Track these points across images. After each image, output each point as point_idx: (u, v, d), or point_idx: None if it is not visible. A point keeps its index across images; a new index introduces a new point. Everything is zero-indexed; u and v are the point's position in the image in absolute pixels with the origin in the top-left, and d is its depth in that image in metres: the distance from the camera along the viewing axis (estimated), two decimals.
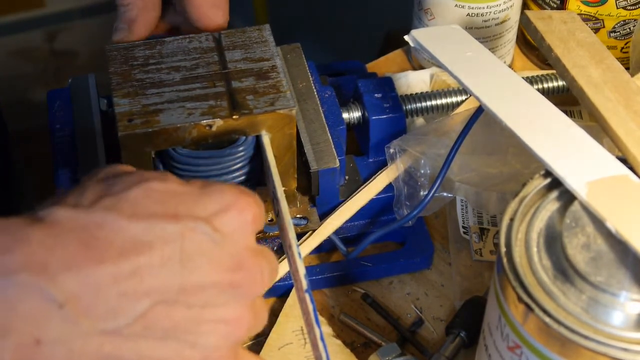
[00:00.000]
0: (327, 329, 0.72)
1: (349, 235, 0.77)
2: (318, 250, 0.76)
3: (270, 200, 0.67)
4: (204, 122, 0.65)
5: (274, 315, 0.73)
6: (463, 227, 0.78)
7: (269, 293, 0.74)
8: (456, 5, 0.86)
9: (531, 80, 0.83)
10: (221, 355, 0.51)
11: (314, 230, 0.74)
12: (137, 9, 0.70)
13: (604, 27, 0.88)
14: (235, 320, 0.51)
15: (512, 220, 0.55)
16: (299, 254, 0.59)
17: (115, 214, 0.48)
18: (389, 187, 0.76)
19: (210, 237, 0.49)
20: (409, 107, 0.80)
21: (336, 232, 0.75)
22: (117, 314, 0.47)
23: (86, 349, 0.47)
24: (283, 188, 0.66)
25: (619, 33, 0.88)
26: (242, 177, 0.68)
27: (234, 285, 0.50)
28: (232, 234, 0.50)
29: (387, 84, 0.79)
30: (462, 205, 0.79)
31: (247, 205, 0.51)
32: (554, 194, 0.57)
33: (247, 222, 0.51)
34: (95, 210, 0.48)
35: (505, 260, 0.53)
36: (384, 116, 0.77)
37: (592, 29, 0.77)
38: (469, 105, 0.79)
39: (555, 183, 0.57)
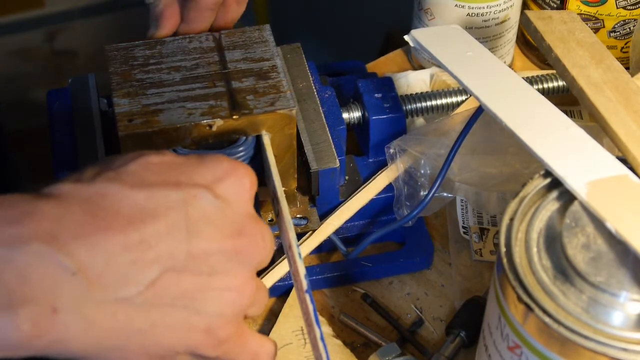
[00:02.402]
0: (327, 329, 0.72)
1: (349, 235, 0.77)
2: (318, 250, 0.76)
3: (270, 200, 0.67)
4: (204, 122, 0.65)
5: (274, 315, 0.73)
6: (463, 227, 0.78)
7: (269, 293, 0.73)
8: (456, 5, 0.86)
9: (531, 80, 0.83)
10: (224, 324, 0.51)
11: (314, 231, 0.74)
12: (162, 4, 0.71)
13: (604, 27, 0.88)
14: (239, 288, 0.51)
15: (512, 220, 0.55)
16: (299, 254, 0.59)
17: (118, 184, 0.49)
18: (389, 187, 0.76)
19: (213, 203, 0.50)
20: (409, 107, 0.80)
21: (336, 232, 0.75)
22: (128, 282, 0.47)
23: (100, 318, 0.47)
24: (283, 188, 0.66)
25: (619, 33, 0.88)
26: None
27: (237, 250, 0.51)
28: (233, 200, 0.51)
29: (387, 84, 0.79)
30: (462, 205, 0.79)
31: (244, 172, 0.52)
32: (554, 194, 0.57)
33: (246, 188, 0.52)
34: (98, 182, 0.49)
35: (505, 260, 0.53)
36: (384, 116, 0.77)
37: (592, 29, 0.77)
38: (469, 105, 0.79)
39: (555, 183, 0.57)
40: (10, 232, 0.45)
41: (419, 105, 0.80)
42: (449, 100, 0.81)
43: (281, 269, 0.73)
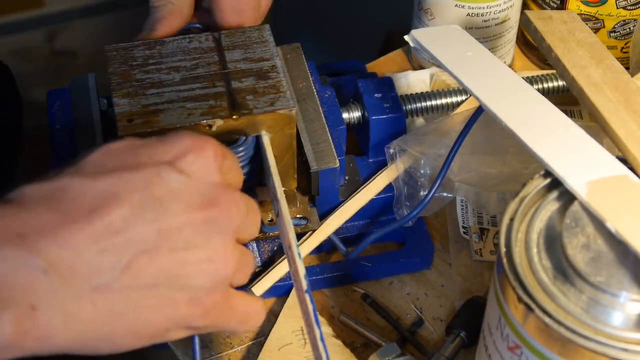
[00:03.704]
0: (327, 329, 0.72)
1: (349, 235, 0.77)
2: (318, 250, 0.76)
3: (270, 200, 0.67)
4: (204, 122, 0.64)
5: (273, 315, 0.73)
6: (463, 227, 0.78)
7: (269, 293, 0.74)
8: (456, 5, 0.86)
9: (531, 80, 0.83)
10: (208, 294, 0.51)
11: (314, 231, 0.74)
12: (165, 11, 0.71)
13: (604, 27, 0.88)
14: (219, 258, 0.51)
15: (512, 220, 0.55)
16: (299, 254, 0.59)
17: (78, 176, 0.50)
18: (389, 187, 0.76)
19: (177, 179, 0.50)
20: (409, 107, 0.80)
21: (336, 232, 0.75)
22: (102, 270, 0.48)
23: (81, 309, 0.48)
24: (283, 188, 0.66)
25: (619, 33, 0.88)
26: (242, 177, 0.68)
27: (210, 221, 0.51)
28: (197, 173, 0.51)
29: (387, 84, 0.79)
30: (462, 205, 0.79)
31: (205, 144, 0.52)
32: (554, 194, 0.57)
33: (209, 160, 0.52)
34: (58, 179, 0.50)
35: (505, 260, 0.53)
36: (384, 116, 0.77)
37: (592, 29, 0.77)
38: (469, 105, 0.79)
39: (555, 183, 0.57)
40: None
41: (419, 105, 0.80)
42: (449, 100, 0.81)
43: (281, 269, 0.73)
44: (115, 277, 0.48)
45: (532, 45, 0.94)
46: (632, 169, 0.57)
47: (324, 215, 0.75)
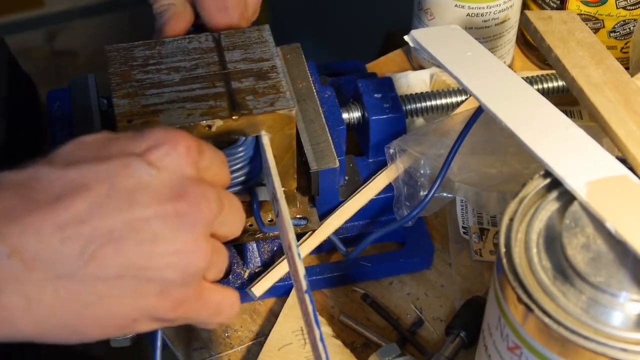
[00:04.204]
0: (327, 330, 0.72)
1: (348, 235, 0.77)
2: (318, 250, 0.76)
3: (270, 200, 0.67)
4: (204, 122, 0.64)
5: (273, 315, 0.73)
6: (463, 227, 0.78)
7: (269, 293, 0.74)
8: (456, 5, 0.86)
9: (531, 80, 0.83)
10: (178, 287, 0.51)
11: (313, 231, 0.74)
12: (168, 16, 0.71)
13: (604, 27, 0.88)
14: (189, 252, 0.51)
15: (511, 220, 0.55)
16: (299, 254, 0.59)
17: (49, 166, 0.50)
18: (389, 187, 0.76)
19: (146, 171, 0.50)
20: (408, 107, 0.80)
21: (336, 233, 0.75)
22: (65, 258, 0.48)
23: (43, 296, 0.48)
24: (283, 188, 0.66)
25: (618, 33, 0.88)
26: (242, 177, 0.68)
27: (179, 214, 0.50)
28: (168, 166, 0.51)
29: (387, 84, 0.79)
30: (462, 206, 0.79)
31: (179, 138, 0.52)
32: (554, 194, 0.57)
33: (181, 153, 0.52)
34: (30, 168, 0.50)
35: (505, 260, 0.53)
36: (384, 116, 0.77)
37: (592, 29, 0.77)
38: (469, 105, 0.79)
39: (555, 183, 0.57)
40: None
41: (418, 105, 0.80)
42: (449, 100, 0.81)
43: (281, 269, 0.73)
44: (79, 266, 0.48)
45: (532, 45, 0.94)
46: (632, 169, 0.57)
47: (323, 216, 0.75)
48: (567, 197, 0.56)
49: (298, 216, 0.74)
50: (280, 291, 0.74)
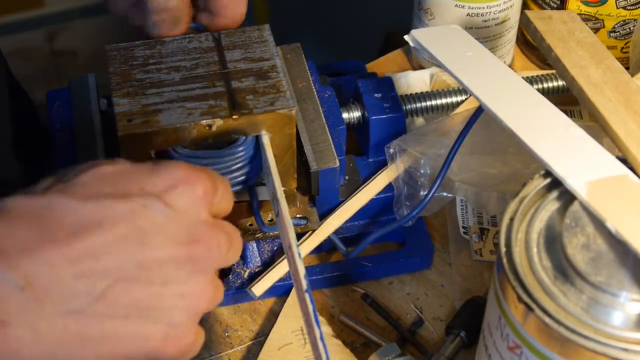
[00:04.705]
0: (327, 329, 0.72)
1: (348, 235, 0.77)
2: (318, 250, 0.76)
3: (270, 200, 0.67)
4: (204, 122, 0.64)
5: (273, 315, 0.73)
6: (463, 227, 0.78)
7: (269, 293, 0.74)
8: (456, 5, 0.86)
9: (531, 80, 0.83)
10: (183, 331, 0.51)
11: (313, 230, 0.74)
12: (163, 27, 0.70)
13: (604, 27, 0.88)
14: (196, 295, 0.51)
15: (512, 220, 0.55)
16: (299, 254, 0.59)
17: (67, 196, 0.49)
18: (389, 187, 0.76)
19: (163, 212, 0.50)
20: (409, 107, 0.80)
21: (336, 232, 0.75)
22: (77, 294, 0.48)
23: (52, 329, 0.48)
24: (283, 188, 0.66)
25: (619, 33, 0.88)
26: (242, 177, 0.68)
27: (192, 259, 0.51)
28: (185, 209, 0.51)
29: (387, 84, 0.79)
30: (462, 205, 0.79)
31: (197, 179, 0.52)
32: (554, 194, 0.57)
33: (198, 195, 0.52)
34: (47, 195, 0.49)
35: (505, 260, 0.53)
36: (384, 116, 0.77)
37: (592, 29, 0.77)
38: (469, 105, 0.79)
39: (555, 183, 0.57)
40: None
41: (419, 105, 0.80)
42: (449, 100, 0.81)
43: (281, 269, 0.73)
44: (89, 302, 0.48)
45: (532, 45, 0.94)
46: (632, 169, 0.57)
47: (324, 215, 0.75)
48: (568, 197, 0.56)
49: (298, 216, 0.74)
50: (280, 291, 0.74)
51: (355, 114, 0.78)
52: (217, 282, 0.53)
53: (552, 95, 0.83)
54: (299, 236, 0.74)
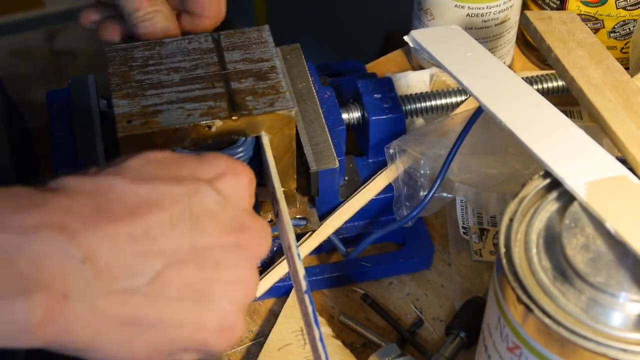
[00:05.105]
0: (326, 330, 0.72)
1: (348, 235, 0.77)
2: (318, 250, 0.76)
3: (270, 200, 0.67)
4: (204, 123, 0.64)
5: (273, 315, 0.73)
6: (463, 227, 0.78)
7: (269, 293, 0.74)
8: (456, 6, 0.86)
9: (531, 80, 0.83)
10: (235, 320, 0.52)
11: (313, 231, 0.74)
12: (160, 25, 0.70)
13: (603, 27, 0.88)
14: (245, 282, 0.52)
15: (511, 220, 0.55)
16: (299, 254, 0.59)
17: (121, 178, 0.50)
18: (389, 188, 0.76)
19: (214, 199, 0.51)
20: (408, 107, 0.80)
21: (336, 233, 0.75)
22: (134, 272, 0.48)
23: (108, 307, 0.47)
24: (282, 189, 0.66)
25: (618, 33, 0.88)
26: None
27: (241, 245, 0.51)
28: (233, 197, 0.52)
29: (386, 84, 0.79)
30: (462, 206, 0.79)
31: (242, 170, 0.53)
32: (554, 194, 0.57)
33: (245, 185, 0.53)
34: (101, 176, 0.50)
35: (504, 260, 0.53)
36: (384, 116, 0.77)
37: (592, 30, 0.77)
38: (469, 106, 0.79)
39: (555, 184, 0.57)
40: (23, 221, 0.46)
41: (418, 105, 0.80)
42: (448, 100, 0.81)
43: (281, 270, 0.73)
44: (145, 282, 0.48)
45: (532, 46, 0.94)
46: (631, 169, 0.57)
47: (323, 216, 0.75)
48: (567, 198, 0.56)
49: (298, 216, 0.74)
50: (280, 291, 0.74)
51: (355, 114, 0.78)
52: (257, 272, 0.54)
53: (551, 95, 0.83)
54: (299, 237, 0.74)
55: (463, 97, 0.81)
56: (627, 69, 0.73)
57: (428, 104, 0.81)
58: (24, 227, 0.46)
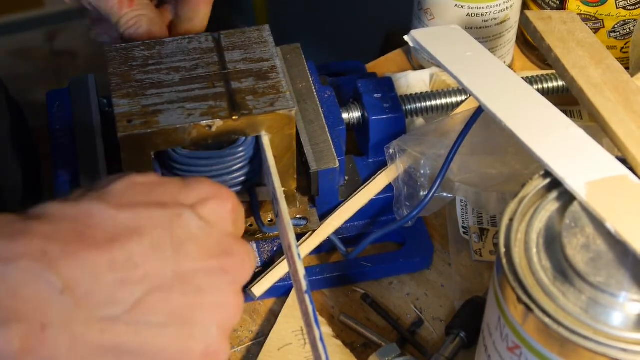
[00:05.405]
0: (326, 330, 0.72)
1: (348, 235, 0.77)
2: (318, 250, 0.76)
3: (270, 200, 0.67)
4: (204, 122, 0.64)
5: (273, 315, 0.73)
6: (463, 227, 0.78)
7: (269, 293, 0.74)
8: (456, 5, 0.86)
9: (531, 80, 0.83)
10: (220, 345, 0.51)
11: (313, 231, 0.74)
12: (144, 29, 0.70)
13: (603, 27, 0.88)
14: (230, 307, 0.51)
15: (511, 220, 0.55)
16: (299, 254, 0.59)
17: (103, 204, 0.49)
18: (389, 188, 0.76)
19: (197, 224, 0.51)
20: (408, 107, 0.80)
21: (336, 233, 0.75)
22: (115, 300, 0.48)
23: (88, 335, 0.47)
24: (283, 188, 0.66)
25: (618, 33, 0.88)
26: (242, 178, 0.68)
27: (224, 270, 0.51)
28: (216, 222, 0.52)
29: (386, 84, 0.79)
30: (462, 206, 0.79)
31: (227, 196, 0.53)
32: (554, 194, 0.57)
33: (228, 210, 0.53)
34: (83, 201, 0.49)
35: (504, 260, 0.53)
36: (384, 116, 0.77)
37: (592, 29, 0.77)
38: (469, 106, 0.79)
39: (555, 183, 0.57)
40: (3, 250, 0.46)
41: (418, 105, 0.80)
42: (449, 100, 0.81)
43: (281, 270, 0.73)
44: (126, 310, 0.48)
45: (532, 45, 0.94)
46: (631, 169, 0.57)
47: (323, 216, 0.75)
48: (567, 197, 0.56)
49: (298, 216, 0.74)
50: (280, 291, 0.74)
51: (355, 114, 0.78)
52: (242, 296, 0.53)
53: (551, 95, 0.83)
54: (299, 237, 0.74)
55: (463, 97, 0.81)
56: (627, 68, 0.73)
57: (428, 103, 0.81)
58: (5, 256, 0.46)
